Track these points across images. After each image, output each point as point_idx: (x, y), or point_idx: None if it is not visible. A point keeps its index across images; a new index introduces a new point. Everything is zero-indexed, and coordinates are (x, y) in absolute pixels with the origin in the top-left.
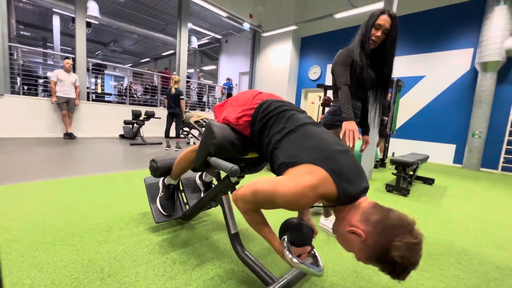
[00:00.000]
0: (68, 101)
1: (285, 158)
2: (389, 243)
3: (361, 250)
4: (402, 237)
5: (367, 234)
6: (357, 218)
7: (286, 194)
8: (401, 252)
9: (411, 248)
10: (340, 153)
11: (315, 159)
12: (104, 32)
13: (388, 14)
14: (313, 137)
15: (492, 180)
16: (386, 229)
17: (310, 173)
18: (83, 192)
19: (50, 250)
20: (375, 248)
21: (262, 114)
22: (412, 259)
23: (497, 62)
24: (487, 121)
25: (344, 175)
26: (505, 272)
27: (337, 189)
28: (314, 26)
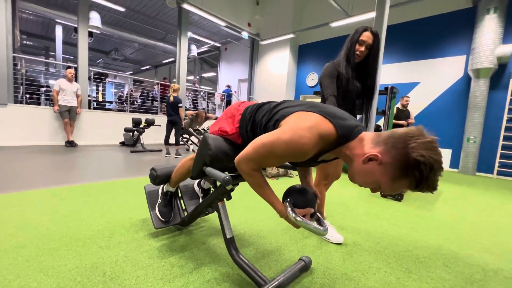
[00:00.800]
0: (70, 109)
1: (278, 117)
2: (405, 149)
3: (384, 172)
4: (416, 139)
5: (382, 153)
6: (367, 146)
7: (285, 138)
8: (419, 151)
9: (428, 146)
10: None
11: (305, 108)
12: (106, 41)
13: (370, 31)
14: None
15: (488, 184)
16: (397, 139)
17: (303, 117)
18: (85, 199)
19: (55, 255)
20: (394, 161)
21: (249, 115)
22: (434, 156)
23: (489, 68)
24: (481, 126)
25: (336, 115)
26: (490, 274)
27: (334, 126)
28: (311, 34)
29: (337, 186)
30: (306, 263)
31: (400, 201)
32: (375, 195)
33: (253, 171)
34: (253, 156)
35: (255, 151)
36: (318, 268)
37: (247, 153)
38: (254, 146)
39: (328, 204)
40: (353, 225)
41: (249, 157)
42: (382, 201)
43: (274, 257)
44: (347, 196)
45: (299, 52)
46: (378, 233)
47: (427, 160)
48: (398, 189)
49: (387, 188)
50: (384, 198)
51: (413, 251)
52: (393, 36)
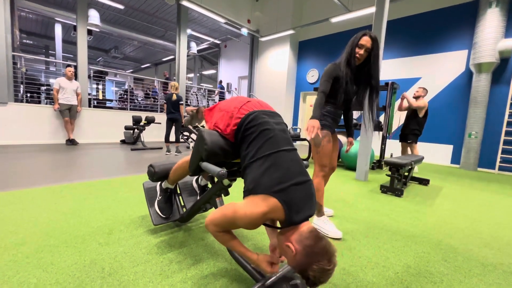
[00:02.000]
0: (70, 108)
1: (249, 182)
2: (309, 265)
3: (291, 260)
4: (320, 263)
5: (297, 252)
6: (295, 237)
7: (244, 219)
8: (315, 273)
9: (324, 272)
10: (299, 184)
11: (273, 190)
12: (105, 39)
13: (369, 35)
14: (280, 167)
15: (489, 180)
16: (310, 253)
17: (263, 202)
18: (85, 197)
19: (54, 252)
20: (299, 263)
21: (247, 126)
22: (322, 280)
23: (491, 63)
24: (483, 121)
25: (294, 205)
26: (488, 268)
27: (285, 217)
28: (311, 30)
29: (336, 182)
30: None
31: (400, 196)
32: (376, 190)
33: (218, 233)
34: (218, 223)
35: (220, 220)
36: None
37: (212, 220)
38: (220, 216)
39: (328, 200)
40: (352, 220)
41: (215, 223)
42: (382, 197)
43: None
44: (346, 192)
45: (299, 48)
46: (377, 228)
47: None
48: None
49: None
50: (384, 194)
51: (412, 246)
52: (393, 31)
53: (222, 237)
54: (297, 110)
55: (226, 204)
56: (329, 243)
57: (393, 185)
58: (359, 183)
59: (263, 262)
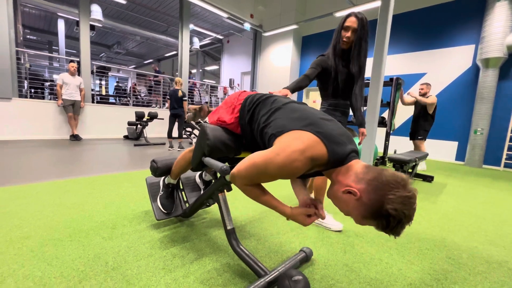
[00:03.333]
0: (74, 103)
1: (273, 130)
2: (383, 197)
3: (357, 208)
4: (396, 191)
5: (361, 192)
6: (352, 178)
7: (277, 161)
8: (394, 205)
9: (405, 201)
10: (326, 120)
11: (302, 125)
12: (108, 34)
13: (355, 15)
14: (298, 110)
15: (494, 177)
16: (380, 185)
17: (297, 138)
18: (89, 191)
19: (59, 246)
20: (370, 204)
21: (249, 106)
22: (406, 212)
23: (499, 58)
24: (489, 117)
25: (332, 137)
26: (493, 266)
27: (327, 150)
28: (314, 25)
29: None
30: (307, 254)
31: None
32: None
33: (247, 186)
34: (246, 175)
35: (248, 170)
36: (319, 259)
37: (240, 171)
38: (247, 166)
39: None
40: None
41: (243, 175)
42: None
43: (274, 248)
44: None
45: (302, 43)
46: None
47: (398, 214)
48: (365, 224)
49: (355, 219)
50: None
51: (416, 243)
52: (398, 25)
53: (251, 191)
54: None
55: (253, 153)
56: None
57: None
58: None
59: (299, 215)
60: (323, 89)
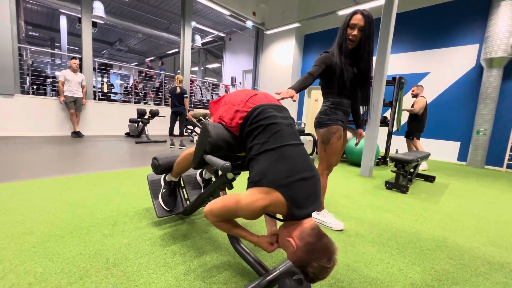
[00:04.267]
0: (76, 100)
1: (255, 174)
2: (309, 261)
3: (291, 255)
4: (320, 261)
5: (298, 248)
6: (296, 233)
7: (244, 209)
8: (314, 270)
9: (323, 270)
10: (305, 179)
11: (278, 184)
12: (110, 31)
13: (361, 13)
14: (286, 161)
15: (496, 177)
16: (311, 251)
17: (266, 198)
18: (90, 188)
19: (60, 242)
20: (299, 259)
21: (253, 120)
22: (320, 277)
23: (503, 58)
24: (492, 118)
25: (298, 201)
26: (495, 267)
27: (287, 213)
28: (317, 24)
29: (341, 178)
30: None
31: (406, 193)
32: (381, 186)
33: (218, 222)
34: (218, 214)
35: (219, 211)
36: None
37: (212, 210)
38: (220, 207)
39: (332, 195)
40: (356, 216)
41: (215, 214)
42: (387, 193)
43: None
44: (351, 188)
45: (305, 42)
46: (381, 224)
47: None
48: None
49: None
50: (389, 190)
51: (417, 243)
52: (402, 24)
53: (223, 226)
54: (302, 105)
55: (227, 195)
56: (330, 241)
57: (399, 182)
58: (363, 179)
59: (263, 242)
60: (327, 87)
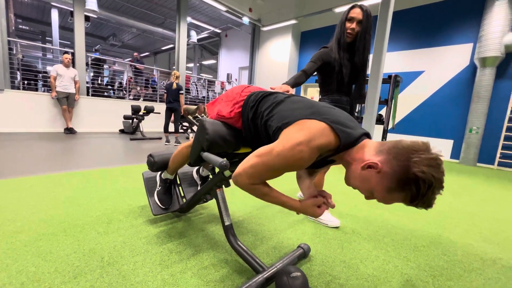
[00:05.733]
0: (68, 96)
1: (277, 122)
2: (407, 161)
3: (381, 182)
4: (421, 153)
5: (383, 163)
6: (369, 153)
7: (283, 155)
8: (421, 167)
9: (431, 163)
10: (331, 108)
11: (307, 114)
12: (103, 26)
13: (359, 6)
14: (301, 101)
15: (488, 175)
16: (401, 151)
17: (303, 129)
18: (84, 185)
19: (53, 241)
20: (394, 172)
21: (252, 103)
22: (435, 174)
23: (496, 57)
24: (484, 116)
25: (341, 122)
26: (488, 263)
27: (337, 134)
28: (314, 21)
29: (337, 174)
30: (304, 250)
31: None
32: None
33: (254, 185)
34: (251, 172)
35: (254, 168)
36: (316, 256)
37: (245, 169)
38: (253, 163)
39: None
40: (352, 213)
41: (248, 173)
42: None
43: (272, 244)
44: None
45: (301, 39)
46: (377, 221)
47: (427, 177)
48: (392, 201)
49: (380, 197)
50: None
51: (412, 239)
52: (397, 23)
53: (258, 190)
54: None
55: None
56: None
57: None
58: None
59: (309, 207)
60: (325, 84)
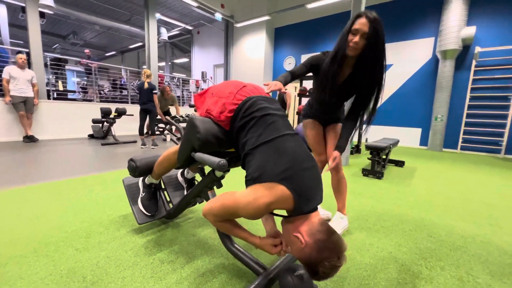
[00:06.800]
0: (26, 100)
1: (254, 170)
2: (319, 260)
3: (298, 252)
4: (331, 260)
5: (307, 245)
6: (305, 228)
7: (247, 209)
8: (325, 269)
9: (334, 269)
10: (307, 170)
11: (280, 177)
12: (62, 23)
13: (365, 15)
14: (285, 152)
15: (453, 159)
16: (322, 249)
17: (270, 192)
18: (54, 198)
19: (22, 264)
20: (309, 257)
21: (245, 113)
22: (330, 275)
23: (455, 50)
24: (447, 105)
25: (305, 193)
26: (468, 240)
27: (294, 207)
28: (287, 17)
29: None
30: None
31: (381, 179)
32: (358, 174)
33: (218, 222)
34: (218, 213)
35: (220, 210)
36: None
37: (212, 209)
38: (219, 206)
39: None
40: None
41: (215, 213)
42: (364, 180)
43: None
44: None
45: (275, 35)
46: (365, 211)
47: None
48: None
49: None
50: (366, 177)
51: (399, 225)
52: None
53: (223, 226)
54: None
55: (225, 193)
56: (341, 238)
57: (374, 168)
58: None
59: (266, 245)
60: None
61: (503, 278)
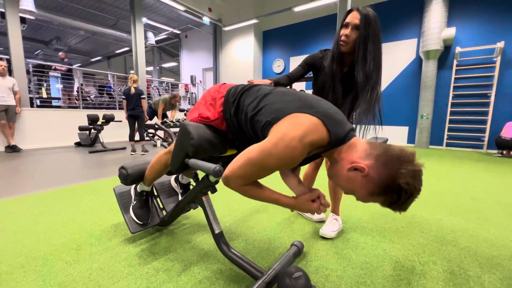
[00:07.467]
0: (7, 109)
1: (267, 116)
2: (395, 172)
3: (365, 185)
4: (408, 165)
5: (370, 168)
6: (357, 155)
7: (276, 152)
8: (407, 179)
9: (415, 175)
10: (320, 100)
11: (298, 107)
12: (44, 28)
13: (357, 9)
14: (289, 93)
15: (440, 155)
16: (389, 160)
17: (295, 124)
18: (40, 210)
19: (8, 281)
20: (380, 179)
21: (232, 97)
22: (417, 186)
23: (437, 50)
24: (432, 103)
25: (330, 116)
26: (458, 234)
27: (328, 131)
28: (274, 20)
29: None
30: (298, 247)
31: None
32: None
33: (244, 187)
34: (241, 173)
35: (244, 169)
36: (310, 251)
37: (233, 170)
38: (242, 163)
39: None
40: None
41: (237, 175)
42: None
43: (264, 246)
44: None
45: (264, 38)
46: (358, 210)
47: (410, 189)
48: (370, 201)
49: (360, 198)
50: None
51: (392, 222)
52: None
53: (250, 191)
54: None
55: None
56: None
57: None
58: None
59: (304, 202)
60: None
61: (492, 269)
